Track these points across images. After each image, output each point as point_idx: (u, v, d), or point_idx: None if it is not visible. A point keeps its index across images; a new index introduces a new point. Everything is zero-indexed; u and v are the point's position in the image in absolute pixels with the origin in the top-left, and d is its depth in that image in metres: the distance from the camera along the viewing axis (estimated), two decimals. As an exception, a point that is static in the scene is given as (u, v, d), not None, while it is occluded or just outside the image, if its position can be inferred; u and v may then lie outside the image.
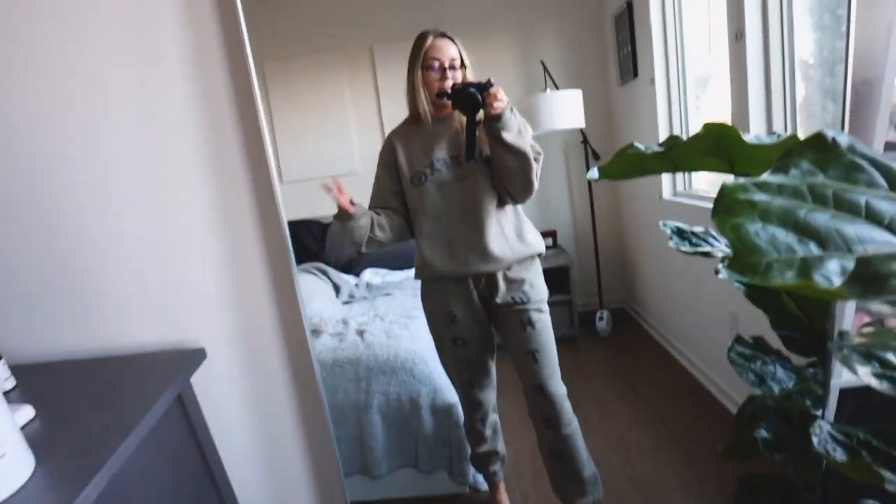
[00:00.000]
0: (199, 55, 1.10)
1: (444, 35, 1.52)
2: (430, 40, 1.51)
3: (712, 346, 2.43)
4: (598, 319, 3.41)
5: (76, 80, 1.09)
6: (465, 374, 1.64)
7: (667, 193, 2.82)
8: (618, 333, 3.44)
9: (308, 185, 3.74)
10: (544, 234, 3.48)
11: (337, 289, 2.96)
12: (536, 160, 1.48)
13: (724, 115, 2.12)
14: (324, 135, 3.68)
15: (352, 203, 1.48)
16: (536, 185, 1.50)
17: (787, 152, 0.51)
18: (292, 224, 3.52)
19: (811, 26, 1.78)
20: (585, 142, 3.39)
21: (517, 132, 1.44)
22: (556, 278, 3.34)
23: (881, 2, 0.70)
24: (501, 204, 1.56)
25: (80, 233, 1.15)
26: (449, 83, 1.48)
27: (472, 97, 1.38)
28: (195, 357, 1.07)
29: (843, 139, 0.51)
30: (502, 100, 1.39)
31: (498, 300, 1.57)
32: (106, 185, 1.14)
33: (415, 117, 1.58)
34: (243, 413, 1.24)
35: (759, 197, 0.46)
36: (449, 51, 1.50)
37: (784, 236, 0.42)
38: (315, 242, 3.46)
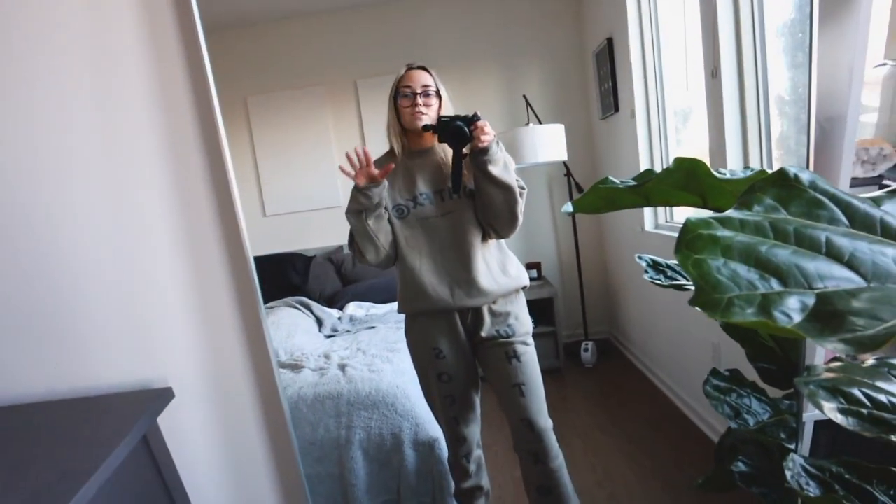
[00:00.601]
0: (166, 98, 1.09)
1: (419, 67, 1.55)
2: (403, 71, 1.54)
3: (695, 376, 2.42)
4: (584, 350, 3.39)
5: (40, 127, 1.08)
6: (451, 410, 1.61)
7: (649, 225, 2.85)
8: (602, 364, 3.43)
9: (291, 218, 3.74)
10: (529, 266, 3.50)
11: (319, 322, 2.93)
12: (521, 195, 1.49)
13: (705, 148, 2.16)
14: (307, 168, 3.70)
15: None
16: (521, 220, 1.50)
17: (750, 188, 0.52)
18: (275, 257, 3.51)
19: (786, 65, 1.84)
20: (569, 174, 3.43)
21: (503, 166, 1.45)
22: (541, 309, 3.34)
23: (842, 42, 0.73)
24: (485, 238, 1.56)
25: (42, 273, 1.11)
26: (421, 109, 1.50)
27: (460, 130, 1.39)
28: (162, 397, 1.04)
29: (805, 175, 0.51)
30: (489, 133, 1.41)
31: (483, 333, 1.56)
32: (70, 222, 1.11)
33: (392, 152, 1.59)
34: (212, 453, 1.20)
35: (722, 233, 0.46)
36: (421, 79, 1.52)
37: (746, 272, 0.43)
38: (298, 276, 3.43)
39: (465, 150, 1.44)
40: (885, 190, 0.51)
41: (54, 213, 1.11)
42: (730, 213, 0.49)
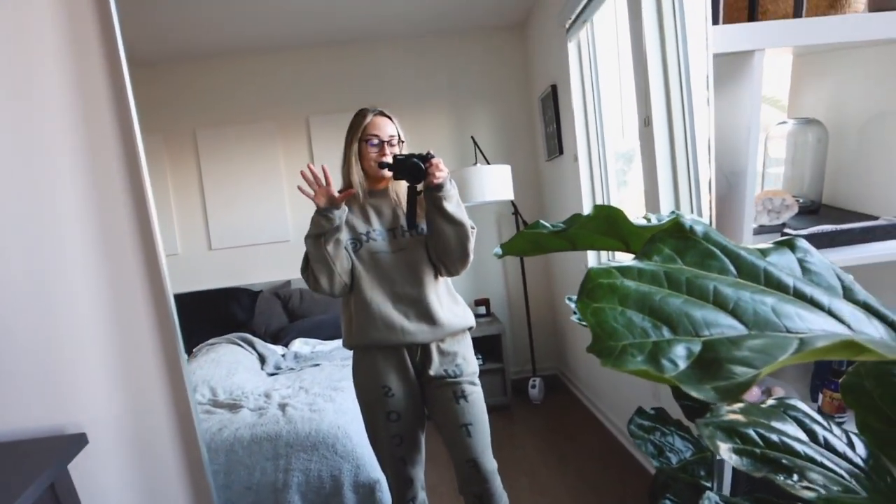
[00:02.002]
0: (90, 135, 1.08)
1: (382, 113, 1.59)
2: (370, 117, 1.57)
3: (638, 413, 2.47)
4: (531, 387, 3.41)
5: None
6: (398, 450, 1.58)
7: (592, 263, 2.93)
8: (550, 400, 3.45)
9: (237, 252, 3.67)
10: (478, 303, 3.52)
11: (262, 359, 2.84)
12: (471, 233, 1.54)
13: (641, 191, 2.26)
14: (256, 203, 3.65)
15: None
16: (472, 257, 1.54)
17: (651, 238, 0.55)
18: (219, 292, 3.41)
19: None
20: (517, 213, 3.51)
21: (456, 203, 1.50)
22: (489, 346, 3.35)
23: (739, 102, 0.79)
24: (435, 277, 1.59)
25: None
26: (388, 158, 1.54)
27: (416, 166, 1.44)
28: (74, 443, 0.98)
29: (699, 227, 0.55)
30: (443, 170, 1.46)
31: (431, 372, 1.56)
32: None
33: (348, 188, 1.60)
34: (127, 502, 1.13)
35: (621, 282, 0.48)
36: (387, 128, 1.57)
37: (640, 321, 0.45)
38: (243, 311, 3.34)
39: (419, 188, 1.48)
40: (772, 241, 0.55)
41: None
42: (630, 262, 0.51)
